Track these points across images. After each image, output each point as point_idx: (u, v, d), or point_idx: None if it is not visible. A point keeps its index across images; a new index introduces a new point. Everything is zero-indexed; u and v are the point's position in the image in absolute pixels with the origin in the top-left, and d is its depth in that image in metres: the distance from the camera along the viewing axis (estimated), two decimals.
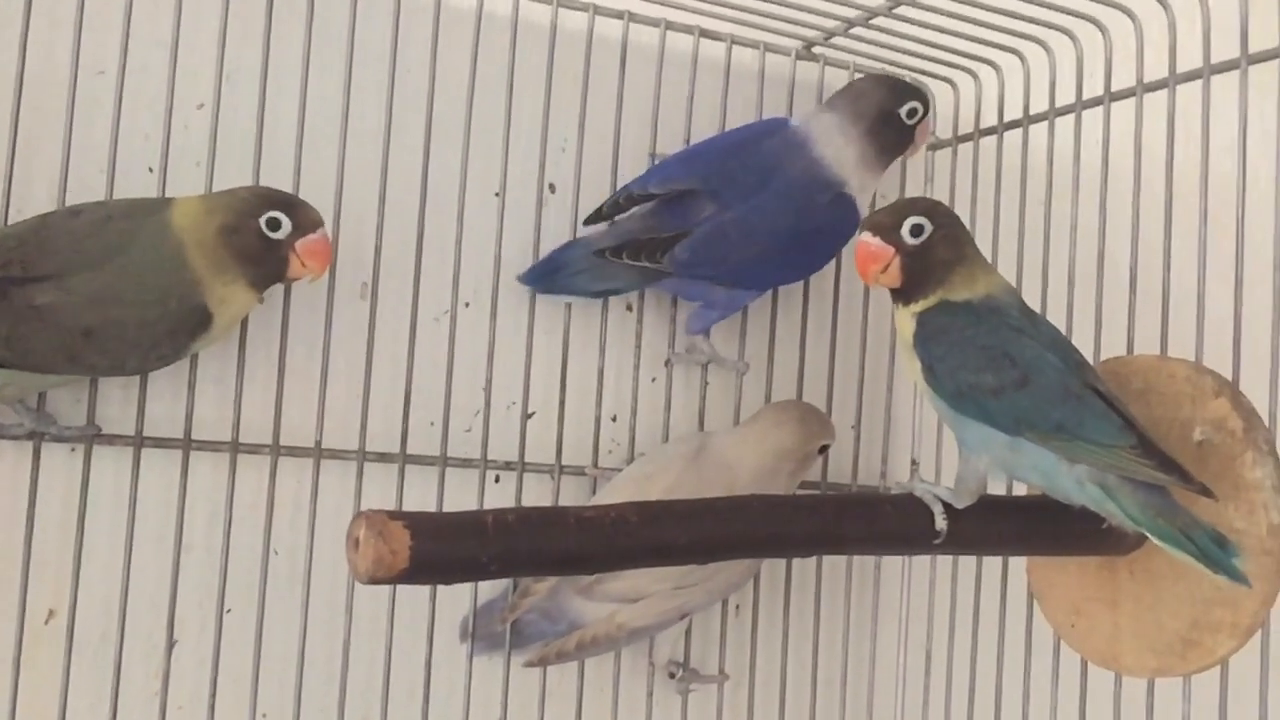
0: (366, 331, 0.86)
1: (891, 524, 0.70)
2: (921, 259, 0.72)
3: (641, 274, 0.91)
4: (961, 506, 0.71)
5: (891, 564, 1.03)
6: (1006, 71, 0.97)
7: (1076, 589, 0.80)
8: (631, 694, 0.93)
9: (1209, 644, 0.71)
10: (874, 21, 0.95)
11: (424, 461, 0.88)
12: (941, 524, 0.71)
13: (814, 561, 0.99)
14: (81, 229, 0.73)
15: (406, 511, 0.57)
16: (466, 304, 0.91)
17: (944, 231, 0.73)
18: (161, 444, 0.82)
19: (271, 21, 0.84)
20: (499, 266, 0.90)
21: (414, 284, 0.87)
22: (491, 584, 0.90)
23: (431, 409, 0.88)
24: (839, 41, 0.99)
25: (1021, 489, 0.85)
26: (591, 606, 0.88)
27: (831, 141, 0.91)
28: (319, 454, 0.85)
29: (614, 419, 0.96)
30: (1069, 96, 0.90)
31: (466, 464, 0.89)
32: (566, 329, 0.92)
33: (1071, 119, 0.89)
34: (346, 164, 0.85)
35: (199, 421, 0.83)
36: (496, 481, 0.92)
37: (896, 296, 0.75)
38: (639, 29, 0.96)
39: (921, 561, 1.01)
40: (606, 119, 0.94)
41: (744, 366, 0.98)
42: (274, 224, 0.75)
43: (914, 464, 1.04)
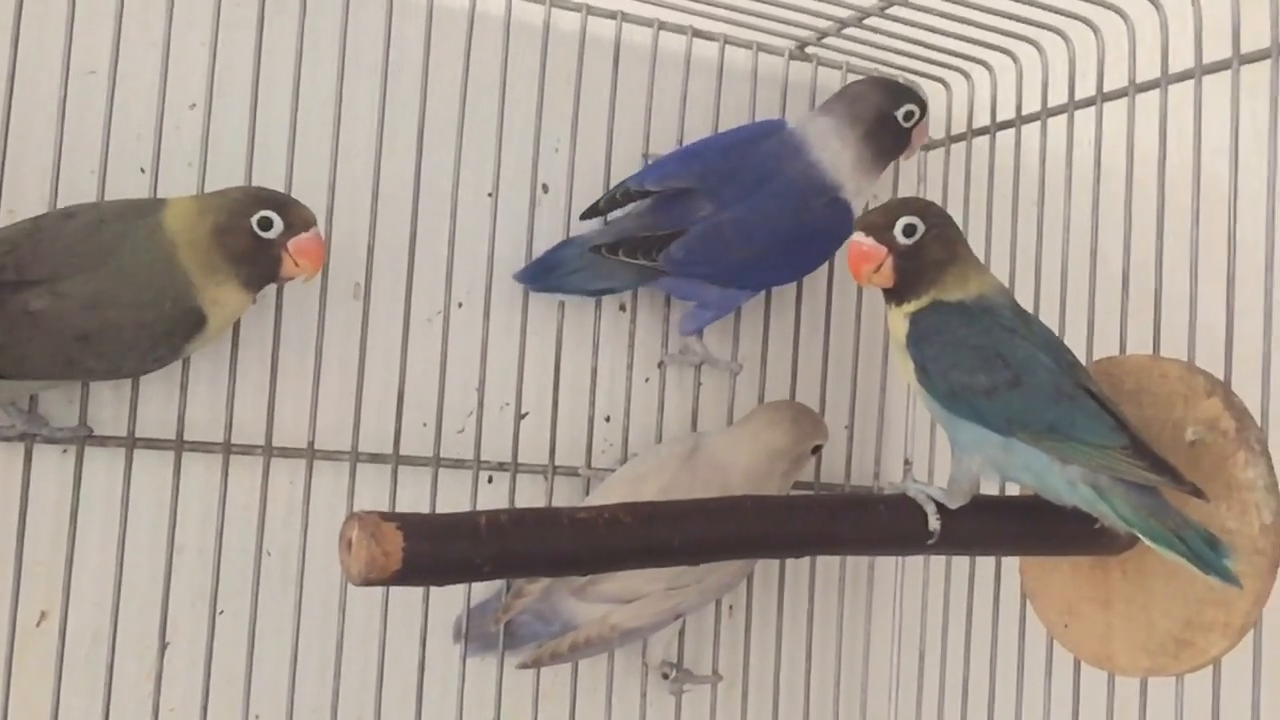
0: (359, 332, 0.86)
1: (885, 524, 0.70)
2: (914, 259, 0.72)
3: (636, 273, 0.91)
4: (954, 507, 0.71)
5: (885, 564, 1.03)
6: (999, 71, 0.97)
7: (1069, 589, 0.80)
8: (625, 695, 0.93)
9: (1201, 644, 0.71)
10: (867, 21, 0.95)
11: (417, 462, 0.88)
12: (934, 524, 0.70)
13: (807, 562, 0.99)
14: (75, 232, 0.72)
15: (399, 513, 0.56)
16: (459, 304, 0.91)
17: (936, 231, 0.73)
18: (154, 445, 0.82)
19: (263, 21, 0.84)
20: (492, 267, 0.90)
21: (407, 284, 0.87)
22: (485, 585, 0.90)
23: (424, 409, 0.88)
24: (832, 42, 0.99)
25: (1014, 489, 0.85)
26: (585, 607, 0.88)
27: (828, 145, 0.91)
28: (311, 455, 0.85)
29: (607, 419, 0.96)
30: (1061, 97, 0.90)
31: (459, 465, 0.89)
32: (560, 329, 0.92)
33: (1064, 119, 0.89)
34: (339, 164, 0.85)
35: (191, 422, 0.83)
36: (490, 482, 0.91)
37: (889, 297, 0.75)
38: (632, 29, 0.96)
39: (915, 562, 1.01)
40: (599, 119, 0.94)
41: (737, 367, 0.98)
42: (266, 223, 0.75)
43: (907, 464, 1.04)
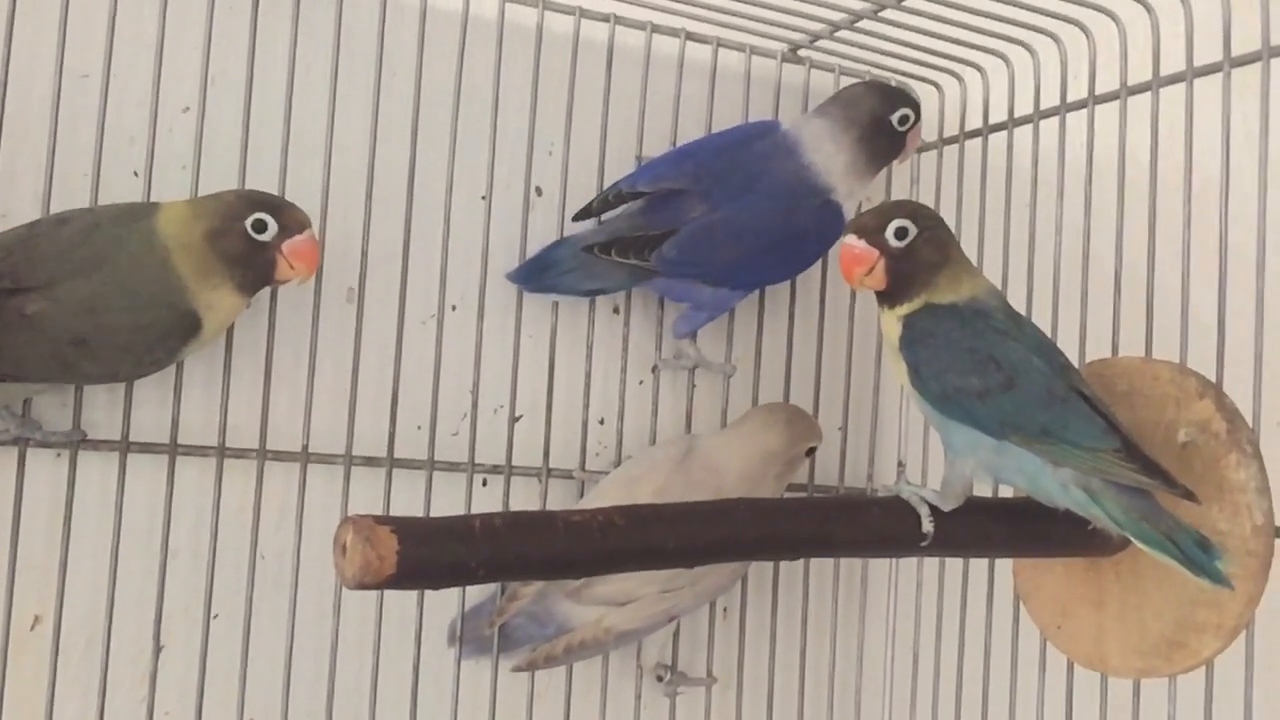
0: (353, 335, 0.86)
1: (878, 526, 0.70)
2: (906, 261, 0.72)
3: (629, 273, 0.91)
4: (948, 509, 0.71)
5: (879, 566, 1.03)
6: (991, 74, 0.97)
7: (1063, 590, 0.80)
8: (620, 697, 0.93)
9: (1194, 645, 0.71)
10: (859, 25, 0.95)
11: (411, 465, 0.88)
12: (928, 526, 0.71)
13: (802, 564, 0.99)
14: (69, 237, 0.72)
15: (394, 516, 0.56)
16: (453, 307, 0.91)
17: (929, 234, 0.73)
18: (147, 449, 0.82)
19: (257, 24, 0.84)
20: (486, 270, 0.90)
21: (401, 287, 0.87)
22: (479, 588, 0.90)
23: (418, 412, 0.88)
24: (824, 44, 0.99)
25: (1008, 491, 0.85)
26: (579, 610, 0.87)
27: (822, 148, 0.91)
28: (306, 458, 0.85)
29: (601, 422, 0.96)
30: (1053, 99, 0.90)
31: (454, 468, 0.89)
32: (554, 332, 0.92)
33: (1056, 122, 0.89)
34: (333, 167, 0.85)
35: (185, 426, 0.83)
36: (484, 485, 0.91)
37: (882, 299, 0.75)
38: (625, 32, 0.96)
39: (908, 563, 1.02)
40: (593, 122, 0.94)
41: (731, 369, 0.98)
42: (260, 226, 0.75)
43: (900, 466, 1.04)
